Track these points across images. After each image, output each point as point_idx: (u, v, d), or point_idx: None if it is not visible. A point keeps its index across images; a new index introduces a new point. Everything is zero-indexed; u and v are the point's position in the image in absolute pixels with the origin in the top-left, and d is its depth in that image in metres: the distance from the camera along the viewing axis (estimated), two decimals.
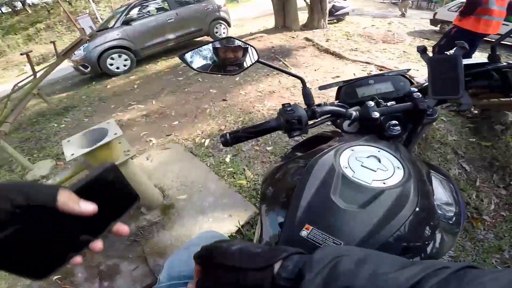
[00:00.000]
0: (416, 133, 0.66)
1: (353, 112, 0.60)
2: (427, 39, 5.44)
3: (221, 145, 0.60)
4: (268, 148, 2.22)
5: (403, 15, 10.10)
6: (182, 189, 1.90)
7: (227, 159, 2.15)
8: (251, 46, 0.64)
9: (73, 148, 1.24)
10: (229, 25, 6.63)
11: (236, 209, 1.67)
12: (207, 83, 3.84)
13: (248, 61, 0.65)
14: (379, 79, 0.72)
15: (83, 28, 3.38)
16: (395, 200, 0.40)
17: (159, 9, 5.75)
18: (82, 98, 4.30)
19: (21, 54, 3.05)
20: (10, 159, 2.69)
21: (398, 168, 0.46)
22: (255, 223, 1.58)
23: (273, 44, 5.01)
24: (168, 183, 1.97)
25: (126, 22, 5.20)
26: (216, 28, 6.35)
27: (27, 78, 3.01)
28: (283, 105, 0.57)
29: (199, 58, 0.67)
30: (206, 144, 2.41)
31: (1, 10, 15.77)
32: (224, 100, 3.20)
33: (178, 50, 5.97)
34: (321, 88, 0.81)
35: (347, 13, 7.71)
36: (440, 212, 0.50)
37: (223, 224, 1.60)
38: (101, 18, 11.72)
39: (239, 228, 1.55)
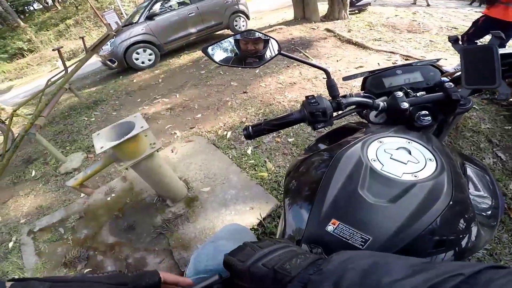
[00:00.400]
0: (447, 123, 0.63)
1: (381, 102, 0.58)
2: (455, 28, 5.15)
3: (244, 137, 0.62)
4: (290, 140, 2.24)
5: (428, 5, 9.53)
6: (205, 181, 1.95)
7: (249, 151, 2.19)
8: (272, 38, 0.66)
9: (102, 141, 1.30)
10: (248, 18, 6.68)
11: (258, 202, 1.68)
12: (228, 76, 3.92)
13: (269, 54, 0.66)
14: (407, 69, 0.70)
15: (109, 24, 3.55)
16: (428, 193, 0.39)
17: (180, 3, 5.86)
18: (110, 92, 4.54)
19: (53, 50, 3.21)
20: (45, 152, 2.89)
21: (430, 160, 0.44)
22: (276, 216, 1.60)
23: (293, 35, 4.97)
24: (192, 175, 2.04)
25: (150, 17, 5.31)
26: (236, 21, 6.41)
27: (59, 73, 3.18)
28: (306, 97, 0.56)
29: (221, 51, 0.70)
30: (228, 136, 2.47)
31: (33, 7, 16.66)
32: (245, 92, 3.27)
33: (199, 44, 6.12)
34: (345, 78, 0.80)
35: (369, 4, 7.43)
36: (476, 205, 0.49)
37: (245, 216, 1.61)
38: (125, 13, 11.97)
39: (260, 221, 1.56)
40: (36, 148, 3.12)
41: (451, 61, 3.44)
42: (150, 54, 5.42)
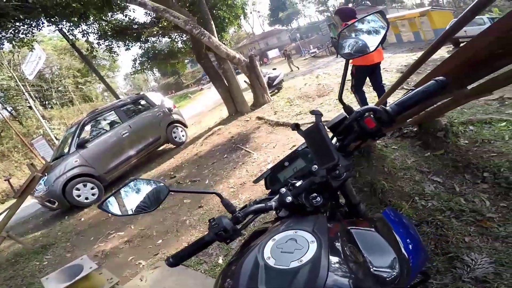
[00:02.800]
0: (335, 194, 0.72)
1: (273, 203, 0.66)
2: (349, 79, 6.39)
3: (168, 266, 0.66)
4: None
5: (297, 68, 11.82)
6: None
7: (220, 261, 2.13)
8: (157, 181, 0.76)
9: (53, 284, 1.42)
10: (185, 126, 6.77)
11: None
12: (179, 195, 3.97)
13: (161, 195, 0.75)
14: (291, 158, 0.85)
15: (43, 157, 3.44)
16: (308, 274, 0.43)
17: (111, 124, 5.62)
18: (58, 235, 4.16)
19: None
20: None
21: (312, 242, 0.49)
22: None
23: (231, 133, 5.49)
24: None
25: (81, 145, 4.89)
26: (174, 132, 6.30)
27: None
28: (209, 220, 0.64)
29: (117, 203, 0.75)
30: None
31: None
32: (200, 207, 3.29)
33: (145, 166, 6.12)
34: (256, 181, 0.93)
35: (282, 80, 8.86)
36: (368, 266, 0.52)
37: None
38: (56, 138, 11.29)
39: None
40: None
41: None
42: (92, 188, 4.82)
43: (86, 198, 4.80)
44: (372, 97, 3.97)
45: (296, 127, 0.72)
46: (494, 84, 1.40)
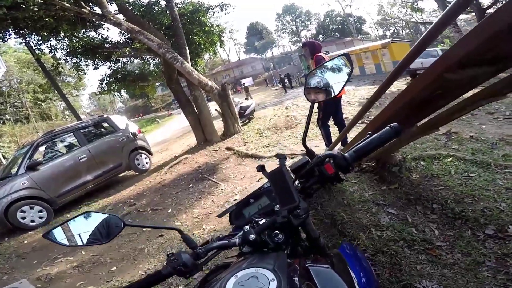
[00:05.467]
0: (297, 231, 0.74)
1: (236, 239, 0.66)
2: (315, 112, 6.75)
3: None
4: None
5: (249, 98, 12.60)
6: None
7: None
8: (112, 215, 0.73)
9: None
10: (150, 153, 6.46)
11: None
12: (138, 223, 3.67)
13: (115, 229, 0.72)
14: (256, 196, 0.87)
15: None
16: None
17: (68, 146, 5.33)
18: None
19: None
20: None
21: (272, 280, 0.50)
22: None
23: (199, 163, 5.37)
24: None
25: (31, 168, 4.56)
26: (137, 159, 5.99)
27: None
28: (167, 255, 0.63)
29: (65, 234, 0.72)
30: None
31: None
32: (160, 235, 3.06)
33: (102, 192, 5.66)
34: (220, 215, 0.94)
35: (254, 110, 9.06)
36: None
37: None
38: (3, 157, 10.28)
39: None
40: None
41: (322, 146, 4.30)
42: (40, 211, 4.49)
43: (32, 221, 4.45)
44: (334, 131, 4.25)
45: (261, 168, 0.75)
46: (439, 120, 1.50)
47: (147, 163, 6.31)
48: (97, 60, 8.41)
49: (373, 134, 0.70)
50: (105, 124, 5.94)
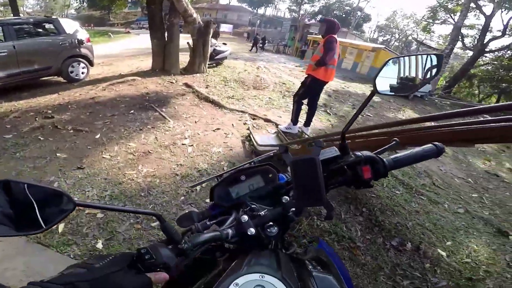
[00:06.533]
0: (288, 226, 0.66)
1: (229, 231, 0.54)
2: (284, 83, 6.63)
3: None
4: (153, 224, 1.90)
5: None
6: None
7: (99, 245, 1.74)
8: (56, 189, 0.43)
9: None
10: (91, 64, 5.67)
11: None
12: (51, 143, 2.94)
13: (60, 211, 0.43)
14: (249, 173, 0.72)
15: None
16: None
17: None
18: None
19: None
20: None
21: None
22: None
23: (148, 89, 4.63)
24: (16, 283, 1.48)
25: None
26: (73, 66, 5.27)
27: None
28: (138, 250, 0.44)
29: None
30: (60, 230, 1.81)
31: None
32: (80, 168, 2.51)
33: (12, 92, 4.50)
34: (193, 186, 0.79)
35: (225, 57, 8.40)
36: None
37: None
38: None
39: None
40: None
41: (285, 118, 4.25)
42: None
43: None
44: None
45: (285, 150, 0.61)
46: None
47: (83, 73, 5.43)
48: None
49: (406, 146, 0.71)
50: (49, 26, 5.26)
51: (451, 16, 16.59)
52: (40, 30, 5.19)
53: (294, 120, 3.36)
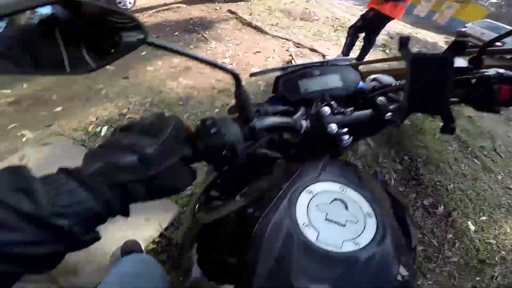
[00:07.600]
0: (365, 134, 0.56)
1: (303, 122, 0.45)
2: (338, 18, 5.86)
3: None
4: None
5: None
6: None
7: None
8: (129, 14, 0.32)
9: None
10: None
11: (154, 211, 1.47)
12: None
13: (124, 44, 0.33)
14: (325, 70, 0.57)
15: None
16: (374, 268, 0.30)
17: None
18: None
19: None
20: None
21: (369, 215, 0.34)
22: (180, 223, 1.42)
23: (192, 15, 4.56)
24: None
25: None
26: None
27: None
28: (202, 120, 0.35)
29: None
30: (103, 133, 1.97)
31: None
32: (125, 78, 2.69)
33: None
34: (253, 74, 0.65)
35: None
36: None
37: (140, 230, 1.39)
38: None
39: (161, 232, 1.38)
40: None
41: (334, 51, 3.86)
42: None
43: None
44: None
45: (406, 40, 0.45)
46: None
47: (130, 2, 5.32)
48: None
49: None
50: None
51: None
52: None
53: (346, 53, 3.05)
